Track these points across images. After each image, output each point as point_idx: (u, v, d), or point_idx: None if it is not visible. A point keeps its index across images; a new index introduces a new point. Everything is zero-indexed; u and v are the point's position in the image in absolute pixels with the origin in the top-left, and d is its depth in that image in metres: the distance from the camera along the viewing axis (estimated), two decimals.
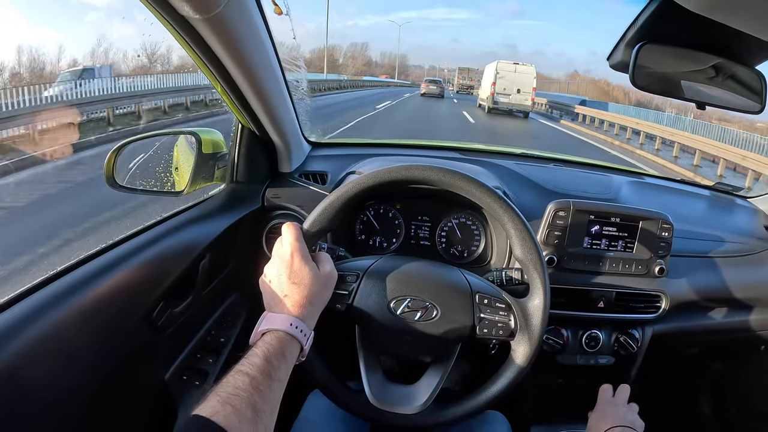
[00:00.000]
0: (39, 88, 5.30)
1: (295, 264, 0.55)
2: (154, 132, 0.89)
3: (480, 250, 0.92)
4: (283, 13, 0.75)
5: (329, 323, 0.60)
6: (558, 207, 0.85)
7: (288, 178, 0.94)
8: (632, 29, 0.67)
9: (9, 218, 3.06)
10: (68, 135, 5.18)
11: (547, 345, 0.88)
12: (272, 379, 0.47)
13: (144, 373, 0.69)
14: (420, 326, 0.61)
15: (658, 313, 0.89)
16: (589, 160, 1.27)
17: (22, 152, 4.14)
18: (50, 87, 6.04)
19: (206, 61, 0.64)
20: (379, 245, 0.94)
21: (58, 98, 5.84)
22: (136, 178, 0.88)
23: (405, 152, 1.16)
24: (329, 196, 0.62)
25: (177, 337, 0.73)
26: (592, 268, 0.86)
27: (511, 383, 0.62)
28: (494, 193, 0.63)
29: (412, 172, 0.63)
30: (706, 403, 1.20)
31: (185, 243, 0.72)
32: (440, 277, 0.64)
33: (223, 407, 0.41)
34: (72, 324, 0.54)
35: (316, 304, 0.56)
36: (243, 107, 0.76)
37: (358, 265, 0.64)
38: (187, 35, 0.58)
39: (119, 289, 0.61)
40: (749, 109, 0.74)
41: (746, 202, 1.15)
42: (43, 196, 3.48)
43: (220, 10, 0.54)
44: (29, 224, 2.99)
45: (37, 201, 3.35)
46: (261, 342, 0.50)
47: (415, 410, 0.61)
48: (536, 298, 0.61)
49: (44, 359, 0.50)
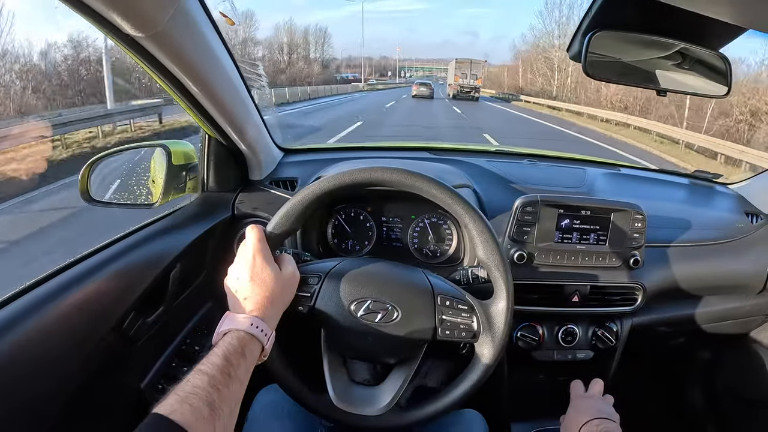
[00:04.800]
0: None
1: (257, 265, 0.56)
2: (126, 146, 0.90)
3: (452, 250, 0.92)
4: (235, 24, 0.76)
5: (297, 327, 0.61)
6: (525, 202, 0.84)
7: (258, 185, 0.95)
8: (587, 18, 0.66)
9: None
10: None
11: (523, 342, 0.88)
12: (231, 378, 0.47)
13: (118, 382, 0.71)
14: (381, 328, 0.61)
15: (635, 305, 0.89)
16: (564, 154, 1.26)
17: None
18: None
19: (161, 76, 0.65)
20: (352, 248, 0.94)
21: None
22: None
23: (375, 155, 1.16)
24: (291, 199, 0.63)
25: (151, 347, 0.74)
26: (564, 262, 0.86)
27: (476, 383, 0.62)
28: (454, 193, 0.63)
29: (372, 174, 0.63)
30: (695, 392, 1.18)
31: (155, 254, 0.73)
32: (402, 279, 0.64)
33: (180, 405, 0.42)
34: (44, 334, 0.55)
35: (278, 304, 0.57)
36: (206, 118, 0.77)
37: (320, 267, 0.64)
38: (136, 52, 0.59)
39: (90, 300, 0.62)
40: (715, 93, 0.73)
41: (726, 189, 1.14)
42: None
43: (163, 27, 0.55)
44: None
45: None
46: (221, 341, 0.51)
47: (378, 412, 0.61)
48: (500, 300, 0.61)
49: (17, 368, 0.51)
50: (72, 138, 6.70)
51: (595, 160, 1.24)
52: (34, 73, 11.14)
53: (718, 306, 0.97)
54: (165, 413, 0.41)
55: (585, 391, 0.76)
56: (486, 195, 0.91)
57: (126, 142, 6.17)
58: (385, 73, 47.63)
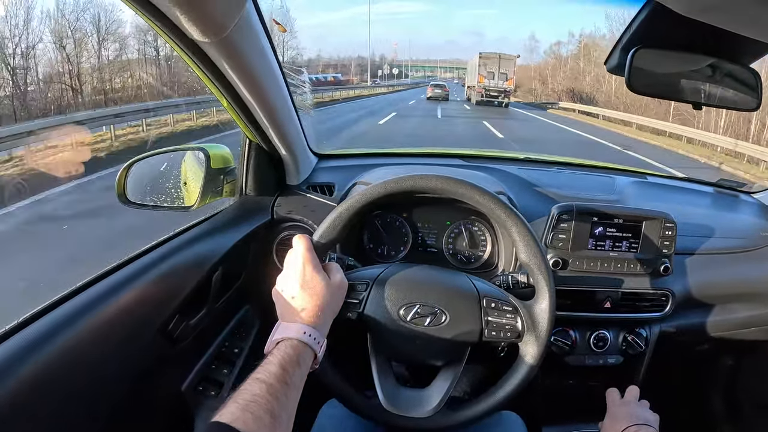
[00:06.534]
0: None
1: (307, 274, 0.57)
2: (163, 149, 0.91)
3: (487, 256, 0.93)
4: (286, 31, 0.78)
5: (343, 332, 0.61)
6: (561, 210, 0.86)
7: (296, 190, 0.96)
8: (627, 33, 0.69)
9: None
10: None
11: (556, 347, 0.89)
12: (288, 386, 0.48)
13: (161, 385, 0.71)
14: (430, 331, 0.62)
15: (664, 311, 0.90)
16: (592, 162, 1.28)
17: None
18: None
19: (215, 81, 0.66)
20: (387, 253, 0.95)
21: None
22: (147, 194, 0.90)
23: (410, 161, 1.17)
24: (337, 207, 0.64)
25: (192, 349, 0.75)
26: (597, 269, 0.87)
27: (521, 383, 0.64)
28: (496, 199, 0.64)
29: (416, 181, 0.64)
30: (718, 399, 1.19)
31: (198, 257, 0.74)
32: (448, 283, 0.66)
33: (242, 413, 0.42)
34: (90, 339, 0.56)
35: (328, 312, 0.58)
36: (251, 123, 0.78)
37: (367, 274, 0.66)
38: (197, 58, 0.60)
39: (135, 303, 0.62)
40: (746, 106, 0.75)
41: (750, 198, 1.16)
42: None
43: (228, 33, 0.56)
44: None
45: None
46: (276, 350, 0.51)
47: (428, 413, 0.62)
48: (542, 300, 0.63)
49: (64, 373, 0.52)
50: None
51: (622, 168, 1.26)
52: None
53: (742, 313, 0.98)
54: (227, 421, 0.41)
55: (621, 398, 0.77)
56: (519, 201, 0.92)
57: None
58: (375, 73, 43.98)
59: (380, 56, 62.61)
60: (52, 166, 5.19)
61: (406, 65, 65.38)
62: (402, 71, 54.18)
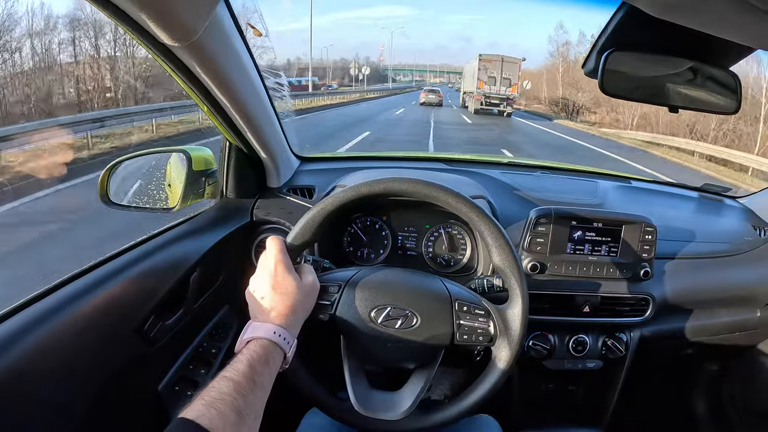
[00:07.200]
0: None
1: (279, 275, 0.58)
2: (146, 150, 0.92)
3: (466, 259, 0.93)
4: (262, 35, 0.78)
5: (317, 334, 0.62)
6: (539, 214, 0.86)
7: (276, 193, 0.96)
8: (603, 36, 0.69)
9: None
10: None
11: (535, 351, 0.89)
12: (256, 384, 0.48)
13: (137, 384, 0.71)
14: (401, 334, 0.63)
15: (644, 316, 0.90)
16: (576, 167, 1.28)
17: None
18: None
19: (190, 84, 0.67)
20: (366, 256, 0.95)
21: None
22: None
23: (391, 164, 1.18)
24: (311, 210, 0.64)
25: (170, 349, 0.75)
26: (576, 273, 0.87)
27: (493, 387, 0.64)
28: (469, 202, 0.64)
29: (389, 184, 0.65)
30: (702, 403, 1.19)
31: (176, 258, 0.75)
32: (420, 286, 0.66)
33: (208, 410, 0.43)
34: (66, 336, 0.56)
35: (299, 313, 0.58)
36: (229, 126, 0.79)
37: (340, 276, 0.66)
38: (169, 61, 0.61)
39: (112, 302, 0.63)
40: (725, 109, 0.75)
41: (735, 203, 1.15)
42: None
43: (198, 37, 0.56)
44: None
45: None
46: (245, 349, 0.52)
47: (399, 416, 0.62)
48: (515, 304, 0.63)
49: (40, 369, 0.52)
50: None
51: (606, 172, 1.26)
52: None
53: (726, 318, 0.98)
54: (192, 418, 0.42)
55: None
56: (500, 206, 0.92)
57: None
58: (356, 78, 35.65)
59: (365, 59, 58.26)
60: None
61: (394, 68, 60.72)
62: (387, 74, 49.42)
